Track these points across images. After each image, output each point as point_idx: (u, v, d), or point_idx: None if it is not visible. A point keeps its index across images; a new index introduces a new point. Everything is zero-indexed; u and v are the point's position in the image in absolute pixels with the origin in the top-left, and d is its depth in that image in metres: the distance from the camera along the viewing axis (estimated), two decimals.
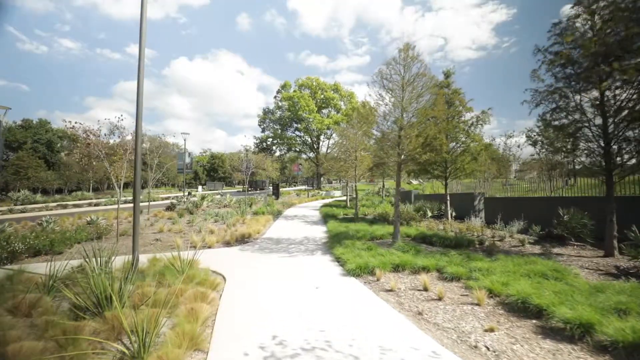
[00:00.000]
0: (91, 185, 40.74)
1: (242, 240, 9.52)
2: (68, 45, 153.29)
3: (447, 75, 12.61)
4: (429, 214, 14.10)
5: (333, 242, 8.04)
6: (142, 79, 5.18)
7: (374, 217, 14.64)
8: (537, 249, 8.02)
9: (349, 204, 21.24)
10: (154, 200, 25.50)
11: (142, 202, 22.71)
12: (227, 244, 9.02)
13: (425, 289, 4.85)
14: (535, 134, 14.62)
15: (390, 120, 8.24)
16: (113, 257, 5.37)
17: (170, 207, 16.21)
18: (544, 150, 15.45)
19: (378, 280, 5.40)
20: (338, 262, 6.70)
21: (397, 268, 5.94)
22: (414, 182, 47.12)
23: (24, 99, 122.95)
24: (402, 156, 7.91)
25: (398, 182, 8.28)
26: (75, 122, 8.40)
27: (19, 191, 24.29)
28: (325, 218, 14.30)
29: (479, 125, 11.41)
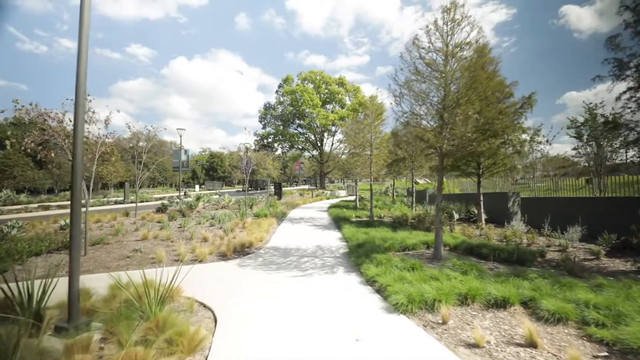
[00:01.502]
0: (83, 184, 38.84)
1: (242, 250, 7.75)
2: (67, 45, 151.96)
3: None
4: (456, 216, 12.32)
5: (359, 256, 6.26)
6: (84, 53, 3.40)
7: (393, 220, 12.87)
8: (620, 263, 6.24)
9: (358, 205, 19.49)
10: (146, 201, 23.70)
11: (131, 203, 20.85)
12: (223, 256, 7.24)
13: (533, 345, 3.07)
14: (578, 125, 12.72)
15: (431, 101, 6.46)
16: (53, 282, 3.60)
17: (160, 209, 14.41)
18: (589, 144, 13.69)
19: (445, 322, 3.62)
20: (372, 286, 4.92)
21: (463, 299, 4.16)
22: (420, 181, 45.12)
23: (24, 99, 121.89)
24: (447, 145, 6.13)
25: (440, 179, 6.50)
26: (30, 104, 6.61)
27: (0, 191, 22.50)
28: (337, 221, 12.53)
29: (523, 113, 9.62)
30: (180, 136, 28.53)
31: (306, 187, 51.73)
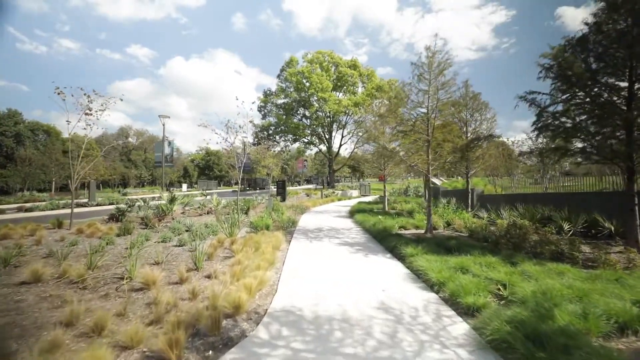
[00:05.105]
0: (53, 184, 34.22)
1: (215, 331, 3.21)
2: (67, 45, 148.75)
3: None
4: (565, 227, 7.84)
5: None
6: None
7: (460, 233, 8.41)
8: None
9: (387, 208, 15.02)
10: (117, 203, 19.07)
11: (97, 206, 15.99)
12: None
13: None
14: None
15: None
16: None
17: (114, 217, 9.89)
18: None
19: None
20: None
21: None
22: (436, 180, 40.19)
23: (24, 99, 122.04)
24: None
25: None
26: None
27: None
28: (379, 237, 8.09)
29: None
30: (164, 125, 24.00)
31: (311, 186, 47.18)
